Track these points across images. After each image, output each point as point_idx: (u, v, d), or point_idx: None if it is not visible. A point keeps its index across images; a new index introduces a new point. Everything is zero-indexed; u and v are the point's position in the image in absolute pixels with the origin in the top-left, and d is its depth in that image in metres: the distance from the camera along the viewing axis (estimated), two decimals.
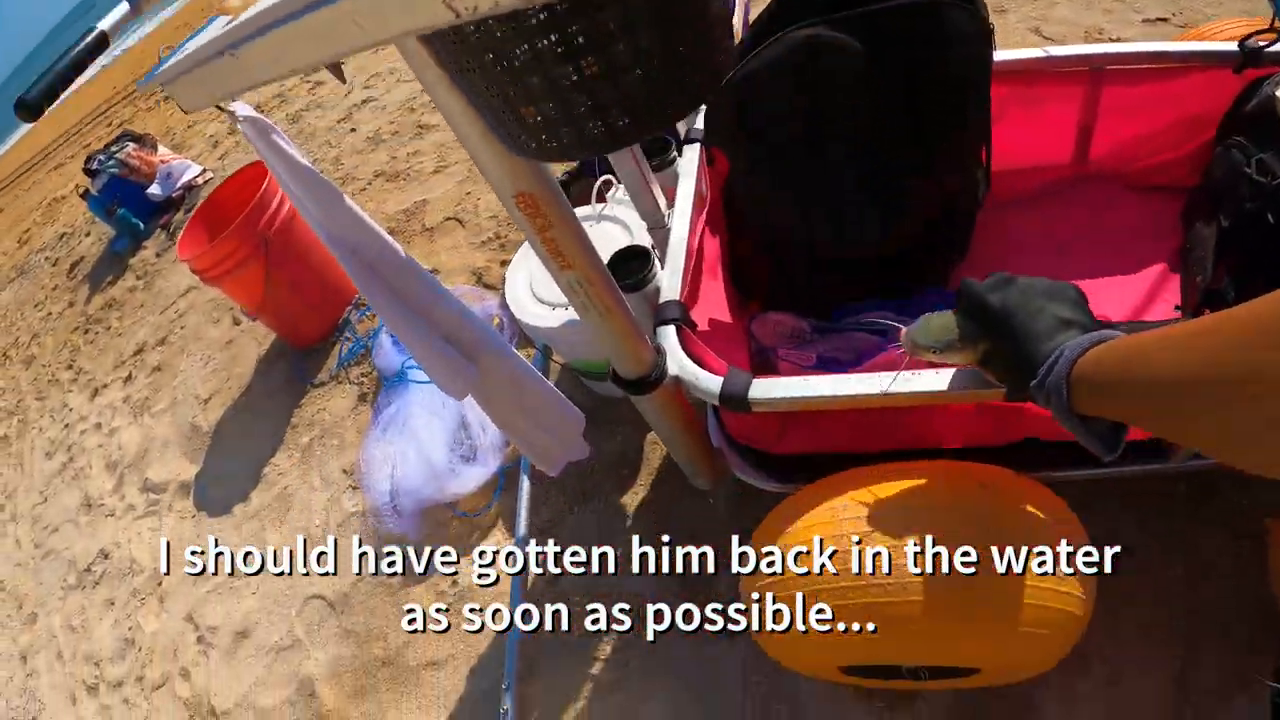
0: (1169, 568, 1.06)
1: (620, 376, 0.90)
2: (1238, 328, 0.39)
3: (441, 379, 0.94)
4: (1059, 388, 0.56)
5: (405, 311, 0.92)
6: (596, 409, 1.36)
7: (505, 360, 1.00)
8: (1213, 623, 1.02)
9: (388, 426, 1.41)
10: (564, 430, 1.09)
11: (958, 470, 0.85)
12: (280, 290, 1.74)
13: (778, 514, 0.90)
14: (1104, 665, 1.04)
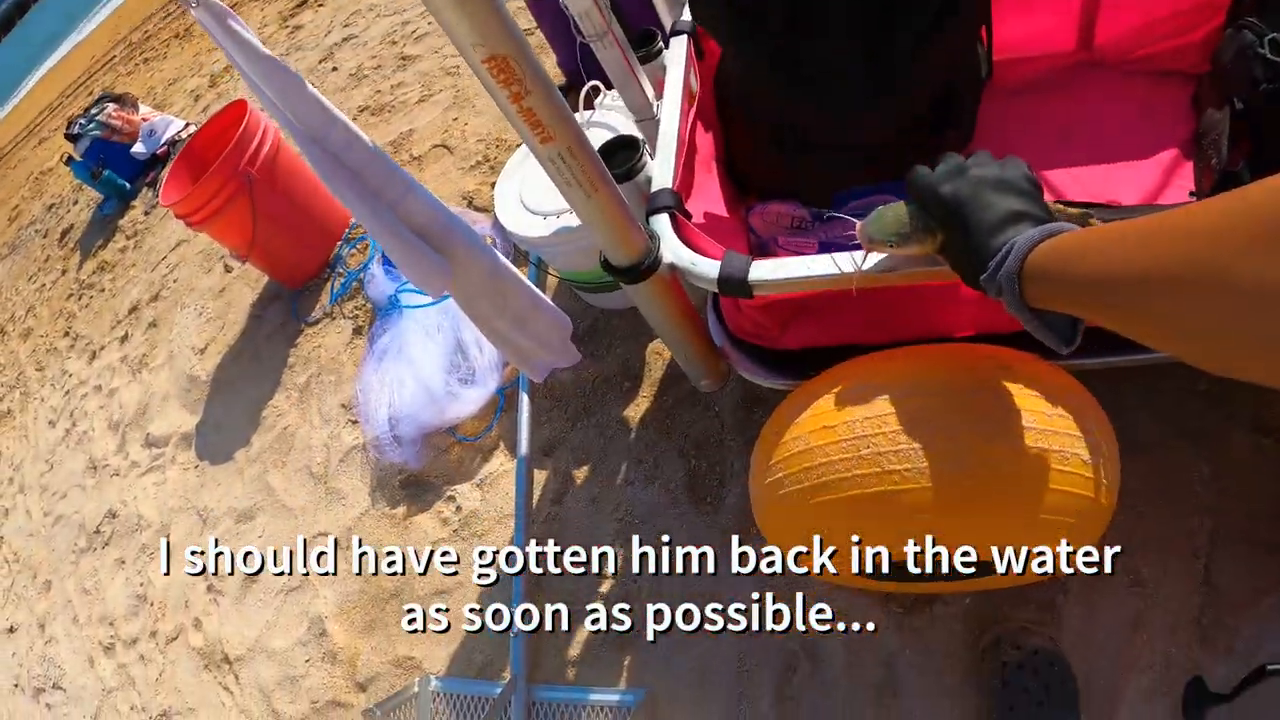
0: (1192, 467, 1.03)
1: (612, 264, 0.88)
2: (1203, 225, 0.38)
3: (416, 275, 0.92)
4: (1011, 281, 0.56)
5: (375, 204, 0.89)
6: (595, 322, 1.34)
7: (482, 257, 0.98)
8: (1237, 523, 1.00)
9: (383, 356, 1.40)
10: (548, 334, 1.07)
11: (977, 352, 0.82)
12: (268, 228, 1.72)
13: (788, 405, 0.87)
14: (1125, 568, 1.03)
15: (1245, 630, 0.97)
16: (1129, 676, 0.99)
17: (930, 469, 0.74)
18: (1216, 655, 0.97)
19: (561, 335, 1.09)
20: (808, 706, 1.08)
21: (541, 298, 1.07)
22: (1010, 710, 0.97)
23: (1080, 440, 0.76)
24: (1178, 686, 0.98)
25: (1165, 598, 1.00)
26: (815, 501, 0.79)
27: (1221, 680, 0.97)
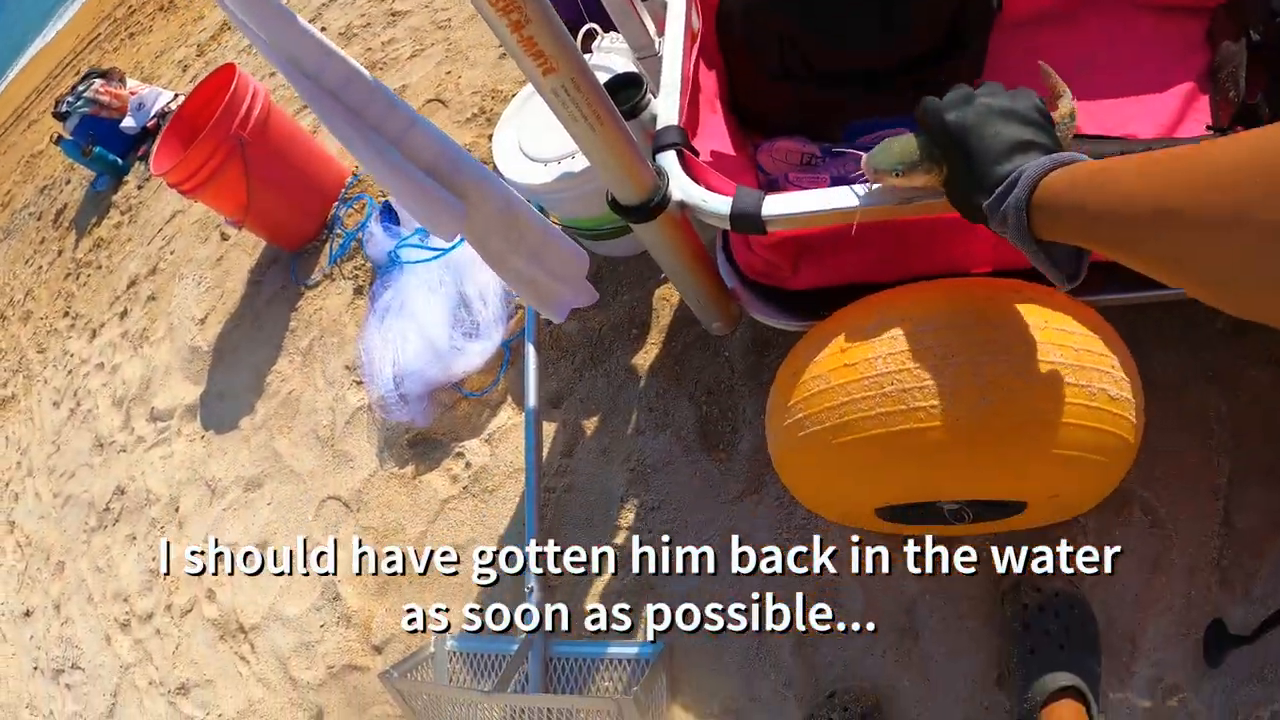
0: (1210, 406, 1.04)
1: (620, 204, 0.88)
2: (1230, 163, 0.39)
3: (427, 217, 0.92)
4: (1019, 211, 0.56)
5: (378, 142, 0.89)
6: (600, 271, 1.34)
7: (494, 193, 0.97)
8: (1257, 463, 1.00)
9: (385, 314, 1.41)
10: (566, 267, 1.07)
11: (999, 286, 0.82)
12: (263, 192, 1.74)
13: (805, 344, 0.87)
14: (1145, 509, 1.04)
15: (1265, 572, 0.98)
16: (1149, 618, 1.01)
17: (956, 405, 0.74)
18: (1236, 597, 0.99)
19: (579, 268, 1.09)
20: (827, 651, 1.10)
21: (556, 230, 1.06)
22: (1031, 653, 0.98)
23: (1108, 375, 0.77)
24: (1198, 629, 0.99)
25: (1184, 539, 1.01)
26: (838, 442, 0.80)
27: (1241, 622, 0.98)
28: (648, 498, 1.20)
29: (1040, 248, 0.58)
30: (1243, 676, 0.97)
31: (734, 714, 1.13)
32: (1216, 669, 0.99)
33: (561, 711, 1.14)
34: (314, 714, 1.46)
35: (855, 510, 0.95)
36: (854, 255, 0.95)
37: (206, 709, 1.64)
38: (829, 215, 0.79)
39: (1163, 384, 1.06)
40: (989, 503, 0.87)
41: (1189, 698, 0.99)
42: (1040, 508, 0.88)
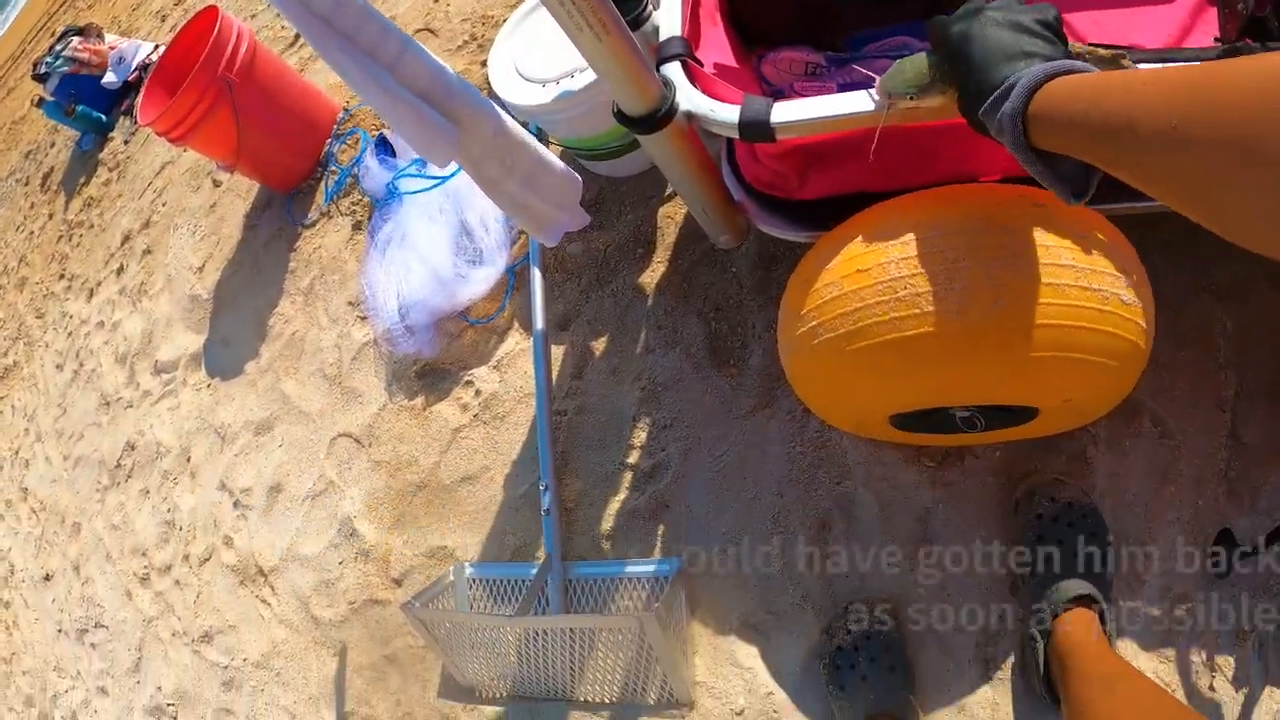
0: (1216, 322, 1.05)
1: (627, 115, 0.89)
2: (1244, 86, 0.39)
3: (421, 143, 0.93)
4: (1014, 119, 0.56)
5: (371, 68, 0.90)
6: (602, 191, 1.35)
7: (488, 118, 0.98)
8: (1262, 379, 1.02)
9: (386, 246, 1.43)
10: (560, 191, 1.09)
11: (1010, 191, 0.83)
12: (254, 133, 1.75)
13: (816, 253, 0.89)
14: (1154, 421, 1.06)
15: (1271, 485, 1.01)
16: (1159, 528, 1.04)
17: (969, 309, 0.75)
18: (1243, 509, 1.02)
19: (573, 192, 1.11)
20: (843, 563, 1.14)
21: (549, 154, 1.08)
22: (1044, 562, 1.01)
23: (1120, 280, 0.78)
24: (1206, 540, 1.02)
25: (1192, 451, 1.04)
26: (852, 348, 0.82)
27: (1247, 532, 1.01)
28: (660, 416, 1.23)
29: (1039, 159, 0.58)
30: (1250, 587, 1.01)
31: (753, 628, 1.17)
32: (1224, 579, 1.02)
33: (583, 632, 1.19)
34: (338, 651, 1.52)
35: (869, 419, 0.97)
36: (862, 164, 0.95)
37: (231, 654, 1.71)
38: (839, 121, 0.80)
39: (1169, 299, 1.08)
40: (1001, 410, 0.89)
41: (1197, 607, 1.02)
42: (1052, 413, 0.89)
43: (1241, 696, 1.01)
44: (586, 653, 1.21)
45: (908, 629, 1.10)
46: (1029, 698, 1.06)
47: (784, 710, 1.14)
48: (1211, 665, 1.02)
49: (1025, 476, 1.09)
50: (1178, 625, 1.02)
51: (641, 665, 1.18)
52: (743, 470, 1.18)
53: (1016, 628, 1.06)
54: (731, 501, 1.19)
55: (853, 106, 0.78)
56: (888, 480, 1.13)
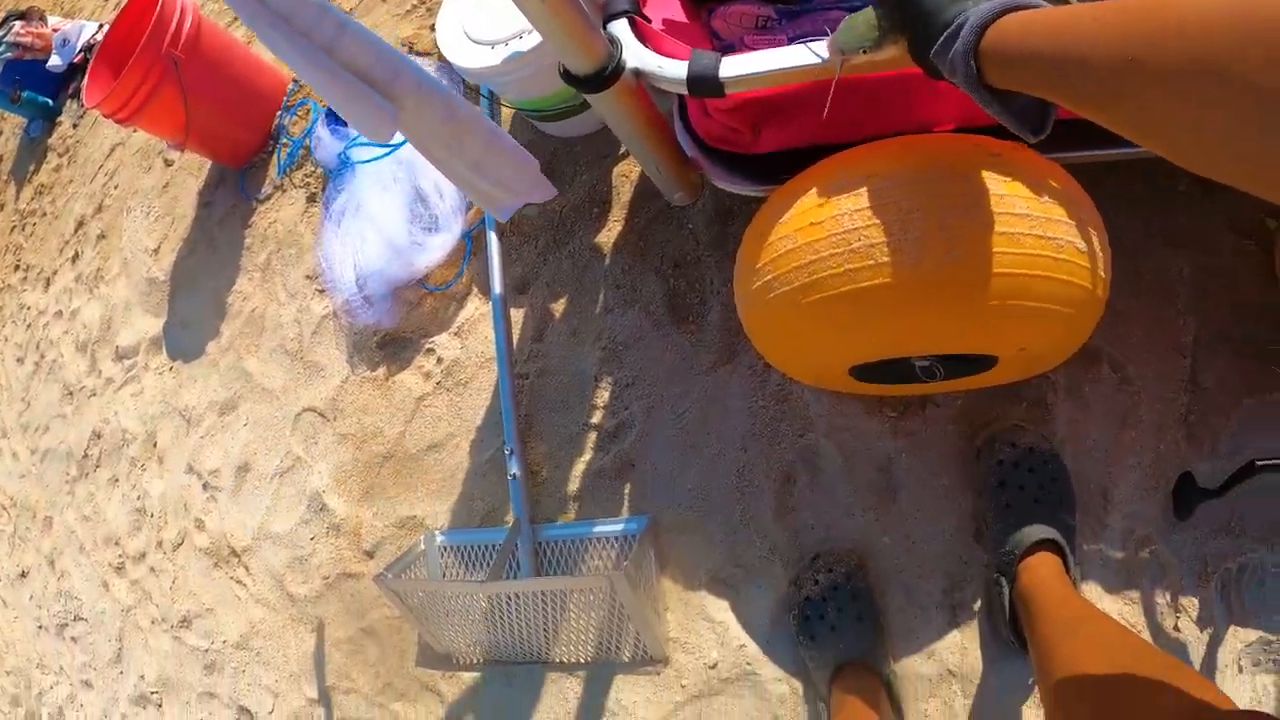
0: (1173, 269, 1.08)
1: (573, 74, 0.89)
2: (1219, 21, 0.37)
3: (359, 120, 0.94)
4: (965, 57, 0.55)
5: (307, 48, 0.90)
6: (556, 152, 1.36)
7: (436, 100, 0.98)
8: (1220, 326, 1.05)
9: (341, 217, 1.43)
10: (511, 177, 1.08)
11: (964, 140, 0.84)
12: (202, 109, 1.73)
13: (770, 206, 0.89)
14: (1114, 367, 1.09)
15: (1230, 429, 1.05)
16: (1120, 473, 1.07)
17: (924, 259, 0.76)
18: (1203, 453, 1.05)
19: (527, 175, 1.11)
20: (808, 515, 1.16)
21: (502, 138, 1.08)
22: (1007, 508, 1.04)
23: (1075, 229, 0.79)
24: (1167, 483, 1.05)
25: (1152, 396, 1.07)
26: (807, 301, 0.83)
27: (1208, 476, 1.04)
28: (621, 375, 1.25)
29: (995, 98, 0.57)
30: (1211, 529, 1.04)
31: (722, 582, 1.20)
32: (1186, 522, 1.05)
33: (555, 594, 1.22)
34: (315, 626, 1.54)
35: (828, 371, 0.98)
36: (816, 117, 0.94)
37: (210, 637, 1.73)
38: (789, 75, 0.80)
39: (1126, 246, 1.09)
40: (959, 358, 0.90)
41: (1160, 549, 1.06)
42: (1010, 362, 0.91)
43: (1206, 636, 1.05)
44: (560, 614, 1.23)
45: (875, 578, 1.13)
46: (996, 642, 1.09)
47: (757, 662, 1.17)
48: (1176, 606, 1.06)
49: (986, 424, 1.12)
50: (1141, 568, 1.06)
51: (614, 624, 1.21)
52: (706, 426, 1.20)
53: (982, 573, 1.10)
54: (696, 458, 1.21)
55: (802, 60, 0.79)
56: (850, 431, 1.16)
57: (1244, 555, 1.04)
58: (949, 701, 1.10)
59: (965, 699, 1.10)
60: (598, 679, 1.26)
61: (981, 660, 1.10)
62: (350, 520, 1.47)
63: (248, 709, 1.66)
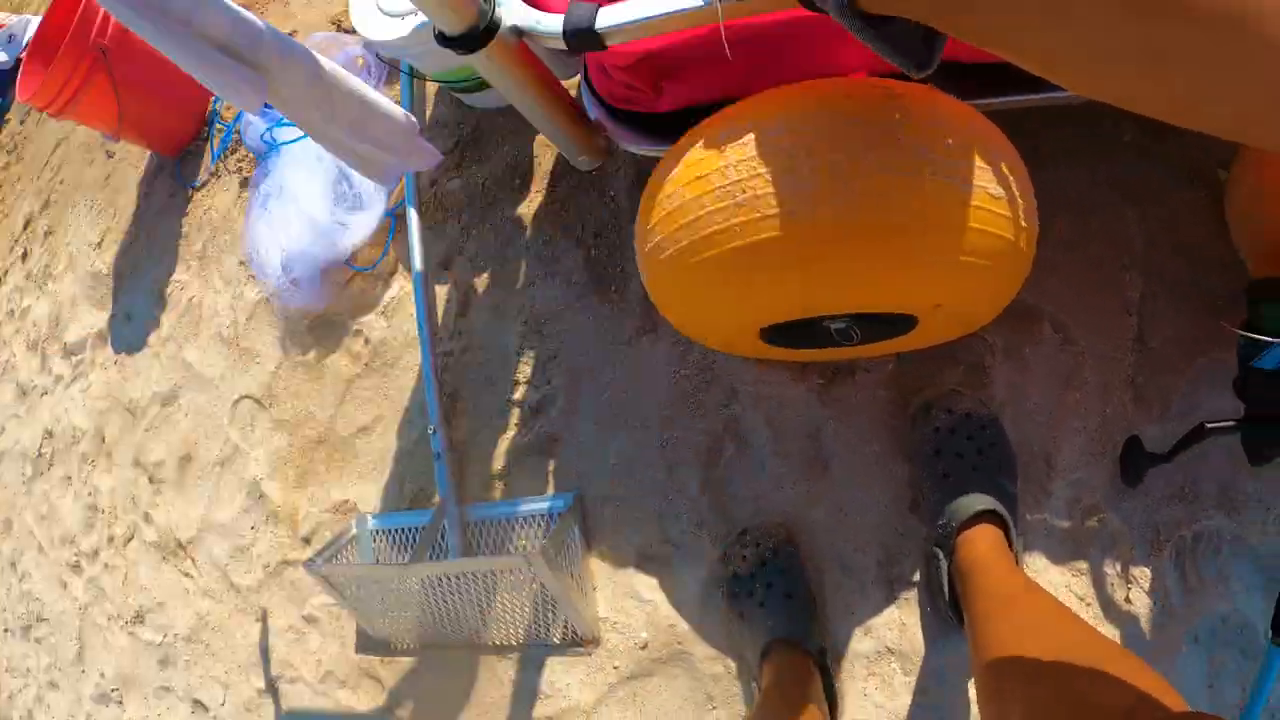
0: (1120, 222, 1.05)
1: (446, 35, 0.87)
2: None
3: (229, 93, 0.92)
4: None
5: (162, 21, 0.88)
6: (479, 124, 1.34)
7: (301, 65, 0.95)
8: (1169, 281, 1.02)
9: (266, 200, 1.41)
10: (390, 136, 1.06)
11: (860, 83, 0.79)
12: (134, 99, 1.72)
13: (663, 164, 0.86)
14: (1055, 326, 1.06)
15: (1181, 389, 1.02)
16: (1064, 438, 1.04)
17: (813, 209, 0.72)
18: (1153, 416, 1.02)
19: (406, 135, 1.09)
20: (736, 488, 1.14)
21: (377, 99, 1.06)
22: (944, 477, 1.01)
23: (987, 173, 0.74)
24: (1114, 448, 1.03)
25: (1097, 357, 1.04)
26: (696, 260, 0.79)
27: (1157, 440, 1.01)
28: (544, 349, 1.23)
29: (870, 26, 0.53)
30: (1163, 496, 1.02)
31: (651, 559, 1.18)
32: (1135, 488, 1.02)
33: (482, 575, 1.20)
34: (259, 616, 1.53)
35: (736, 336, 0.95)
36: (715, 70, 0.93)
37: (163, 631, 1.73)
38: (668, 20, 0.77)
39: (1070, 199, 1.07)
40: (876, 319, 0.87)
41: (1109, 517, 1.03)
42: (930, 322, 0.88)
43: (1160, 607, 1.02)
44: (489, 597, 1.22)
45: (807, 552, 1.10)
46: (937, 617, 1.07)
47: (688, 641, 1.15)
48: (1127, 577, 1.03)
49: (920, 389, 1.08)
50: (1089, 537, 1.03)
51: (543, 605, 1.19)
52: (629, 398, 1.19)
53: (920, 546, 1.07)
54: (619, 431, 1.19)
55: (681, 4, 0.76)
56: (775, 400, 1.14)
57: (1199, 523, 1.01)
58: (888, 679, 1.08)
59: (906, 676, 1.08)
60: (531, 662, 1.25)
61: (922, 636, 1.08)
62: (287, 507, 1.46)
63: (201, 702, 1.65)
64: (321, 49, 1.46)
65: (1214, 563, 1.02)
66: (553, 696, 1.23)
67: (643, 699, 1.18)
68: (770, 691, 0.95)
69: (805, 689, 0.94)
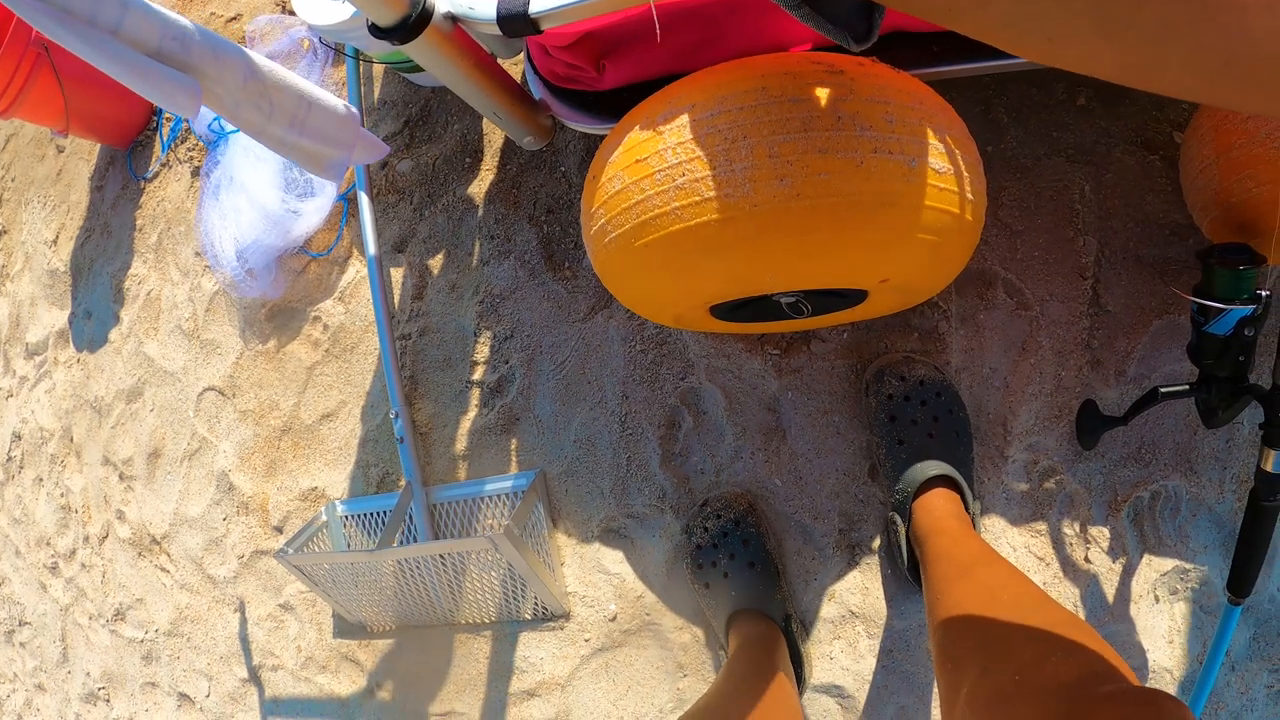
0: (1073, 187, 1.06)
1: (380, 27, 0.87)
2: None
3: (165, 101, 0.93)
4: None
5: (94, 36, 0.88)
6: (427, 104, 1.35)
7: (234, 63, 0.96)
8: (1124, 244, 1.04)
9: (217, 190, 1.42)
10: (332, 129, 1.07)
11: (800, 58, 0.79)
12: (79, 93, 1.72)
13: (605, 146, 0.87)
14: (1009, 291, 1.08)
15: (1137, 353, 1.04)
16: (1020, 402, 1.07)
17: (754, 191, 0.72)
18: (1109, 379, 1.05)
19: (347, 126, 1.09)
20: (696, 460, 1.17)
21: (315, 91, 1.06)
22: (900, 444, 1.03)
23: (932, 148, 0.74)
24: (1070, 411, 1.05)
25: (1052, 321, 1.06)
26: (640, 244, 0.80)
27: (1113, 403, 1.04)
28: (500, 328, 1.26)
29: (805, 2, 0.52)
30: (1119, 458, 1.05)
31: (615, 533, 1.21)
32: (1092, 451, 1.05)
33: (452, 556, 1.23)
34: (237, 606, 1.57)
35: (687, 313, 0.96)
36: (660, 46, 0.94)
37: (144, 627, 1.76)
38: (602, 2, 0.78)
39: (1021, 163, 1.08)
40: (825, 293, 0.88)
41: (1066, 480, 1.06)
42: (879, 294, 0.89)
43: (1119, 566, 1.06)
44: (460, 576, 1.25)
45: (768, 521, 1.14)
46: (898, 580, 1.10)
47: (656, 612, 1.19)
48: (1085, 538, 1.07)
49: (875, 357, 1.11)
50: (1047, 500, 1.07)
51: (512, 582, 1.23)
52: (586, 374, 1.21)
53: (880, 511, 1.10)
54: (578, 407, 1.22)
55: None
56: (731, 372, 1.16)
57: (1156, 483, 1.05)
58: (854, 643, 1.12)
59: (870, 639, 1.12)
60: (505, 637, 1.29)
61: (884, 600, 1.11)
62: (257, 497, 1.49)
63: (187, 694, 1.69)
64: (265, 32, 1.46)
65: (1172, 522, 1.06)
66: (527, 671, 1.27)
67: (615, 669, 1.22)
68: (736, 659, 0.97)
69: (771, 656, 0.97)
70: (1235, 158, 0.86)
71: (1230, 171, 0.87)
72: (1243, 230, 0.88)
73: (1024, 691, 0.61)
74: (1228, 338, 0.86)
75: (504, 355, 1.25)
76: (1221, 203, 0.89)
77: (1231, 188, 0.88)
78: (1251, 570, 0.92)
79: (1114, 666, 0.62)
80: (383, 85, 1.38)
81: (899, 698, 1.11)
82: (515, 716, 1.28)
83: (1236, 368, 0.87)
